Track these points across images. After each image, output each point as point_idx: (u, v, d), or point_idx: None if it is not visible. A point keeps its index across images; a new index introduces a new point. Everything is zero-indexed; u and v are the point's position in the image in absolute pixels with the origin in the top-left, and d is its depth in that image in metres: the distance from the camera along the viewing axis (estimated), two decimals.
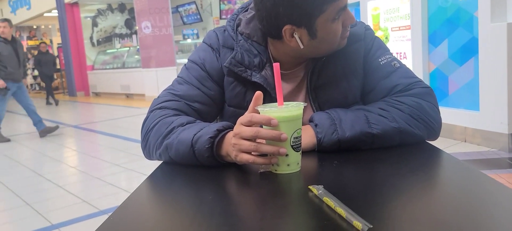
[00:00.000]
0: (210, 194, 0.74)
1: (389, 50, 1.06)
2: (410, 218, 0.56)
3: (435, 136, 0.96)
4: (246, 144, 0.78)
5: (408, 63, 4.09)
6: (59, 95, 13.07)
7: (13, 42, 5.50)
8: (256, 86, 0.99)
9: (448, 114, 3.68)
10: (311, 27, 0.91)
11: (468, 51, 3.49)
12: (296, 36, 0.93)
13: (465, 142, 3.60)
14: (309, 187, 0.68)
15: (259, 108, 0.80)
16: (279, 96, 0.82)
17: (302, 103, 0.81)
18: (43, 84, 14.57)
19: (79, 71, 11.99)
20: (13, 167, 4.41)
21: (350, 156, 0.87)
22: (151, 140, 0.95)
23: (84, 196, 3.14)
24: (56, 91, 13.83)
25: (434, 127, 0.94)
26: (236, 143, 0.80)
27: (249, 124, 0.79)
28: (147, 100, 9.20)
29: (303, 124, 0.85)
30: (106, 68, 11.33)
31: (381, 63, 1.02)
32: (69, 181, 3.71)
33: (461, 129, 3.61)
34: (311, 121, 0.94)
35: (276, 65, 0.82)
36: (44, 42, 10.68)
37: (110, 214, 2.25)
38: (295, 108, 0.79)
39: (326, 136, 0.89)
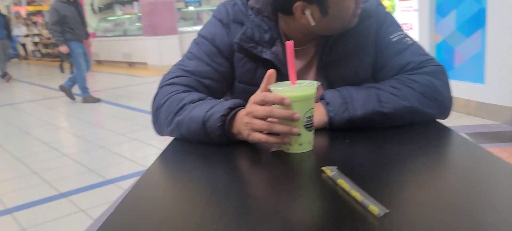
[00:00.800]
0: (223, 174, 0.76)
1: (400, 27, 1.04)
2: (424, 202, 0.57)
3: (446, 114, 0.96)
4: (259, 123, 0.79)
5: (414, 34, 4.04)
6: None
7: (75, 3, 5.52)
8: (267, 62, 0.98)
9: (453, 87, 3.65)
10: (323, 4, 0.89)
11: (476, 22, 3.44)
12: (307, 12, 0.91)
13: (468, 114, 3.60)
14: (322, 168, 0.69)
15: (272, 87, 0.80)
16: (292, 75, 0.82)
17: (315, 82, 0.81)
18: (44, 50, 14.48)
19: None
20: (18, 135, 4.45)
21: (361, 134, 0.88)
22: (162, 116, 0.95)
23: (90, 165, 3.18)
24: (58, 59, 13.77)
25: (446, 105, 0.94)
26: (249, 122, 0.80)
27: (262, 103, 0.79)
28: (150, 69, 9.16)
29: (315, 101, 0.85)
30: (107, 36, 11.22)
31: (392, 40, 1.00)
32: (75, 150, 3.75)
33: (465, 101, 3.61)
34: (322, 98, 0.94)
35: (289, 44, 0.81)
36: None
37: (116, 183, 2.27)
38: (309, 87, 0.79)
39: (338, 114, 0.89)
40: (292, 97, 0.77)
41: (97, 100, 5.77)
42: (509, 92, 3.15)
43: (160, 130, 0.98)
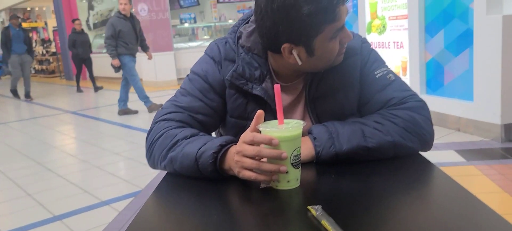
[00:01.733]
0: (215, 211, 0.79)
1: (385, 63, 1.09)
2: None
3: (428, 148, 1.01)
4: (248, 162, 0.83)
5: (404, 52, 4.12)
6: (56, 80, 13.02)
7: (131, 19, 5.67)
8: (257, 98, 1.03)
9: (442, 104, 3.73)
10: (309, 46, 0.94)
11: (463, 42, 3.52)
12: (294, 53, 0.96)
13: (458, 131, 3.66)
14: (308, 207, 0.73)
15: (261, 127, 0.84)
16: (280, 116, 0.86)
17: (301, 121, 0.86)
18: (38, 67, 14.47)
19: None
20: (11, 154, 4.45)
21: (347, 168, 0.92)
22: (156, 152, 0.99)
23: (85, 186, 3.19)
24: (52, 75, 13.77)
25: (427, 139, 0.99)
26: (239, 160, 0.84)
27: (251, 143, 0.83)
28: (145, 85, 9.17)
29: (302, 135, 0.90)
30: (103, 52, 11.25)
31: (377, 76, 1.05)
32: (70, 170, 3.76)
33: (455, 118, 3.68)
34: (309, 132, 0.98)
35: (276, 87, 0.86)
36: (78, 19, 9.63)
37: (111, 204, 2.28)
38: (295, 128, 0.84)
39: (324, 149, 0.93)
40: (280, 137, 0.82)
41: (161, 106, 5.93)
42: (497, 110, 3.22)
43: (154, 164, 1.01)
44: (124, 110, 5.96)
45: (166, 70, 8.69)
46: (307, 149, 0.95)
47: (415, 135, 0.97)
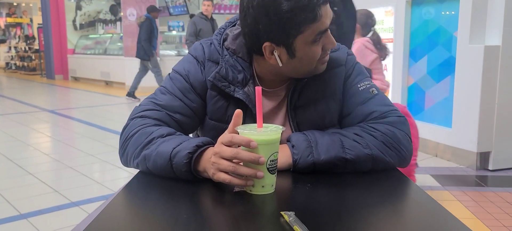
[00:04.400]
0: (185, 211, 0.76)
1: (368, 76, 1.09)
2: None
3: (405, 164, 1.00)
4: (225, 164, 0.80)
5: (388, 75, 4.18)
6: (36, 77, 12.75)
7: (212, 20, 5.79)
8: (239, 102, 1.00)
9: (422, 129, 3.77)
10: (290, 47, 0.93)
11: (445, 69, 3.60)
12: (275, 54, 0.95)
13: (436, 156, 3.71)
14: (281, 212, 0.70)
15: (239, 129, 0.82)
16: (259, 119, 0.84)
17: (280, 127, 0.84)
18: (19, 63, 14.14)
19: (59, 54, 11.69)
20: None
21: (323, 179, 0.90)
22: (129, 148, 0.95)
23: (55, 185, 3.09)
24: (33, 73, 13.47)
25: (405, 155, 0.98)
26: (215, 162, 0.81)
27: (229, 144, 0.81)
28: (127, 89, 9.06)
29: (281, 143, 0.88)
30: (87, 53, 11.10)
31: (359, 89, 1.05)
32: (41, 169, 3.63)
33: (434, 143, 3.73)
34: (288, 140, 0.96)
35: (258, 89, 0.84)
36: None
37: (81, 206, 2.21)
38: (274, 132, 0.82)
39: (302, 158, 0.91)
40: (258, 140, 0.79)
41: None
42: (474, 138, 3.27)
43: (126, 161, 0.98)
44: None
45: (150, 76, 8.59)
46: (284, 157, 0.93)
47: (394, 150, 0.96)
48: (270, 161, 0.80)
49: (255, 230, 0.69)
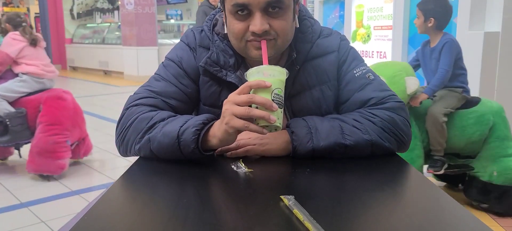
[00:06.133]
0: (185, 196, 0.76)
1: (364, 62, 1.08)
2: None
3: (404, 149, 1.00)
4: (239, 108, 0.82)
5: None
6: None
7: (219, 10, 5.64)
8: (231, 86, 1.00)
9: None
10: (224, 11, 0.96)
11: None
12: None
13: None
14: (280, 197, 0.71)
15: (249, 72, 0.85)
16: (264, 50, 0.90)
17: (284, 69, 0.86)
18: None
19: (56, 44, 11.64)
20: None
21: (323, 164, 0.90)
22: (129, 136, 0.95)
23: (56, 175, 3.09)
24: None
25: (404, 140, 0.98)
26: (229, 108, 0.83)
27: (243, 91, 0.83)
28: (126, 78, 9.05)
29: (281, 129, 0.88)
30: (85, 43, 11.05)
31: (356, 75, 1.04)
32: None
33: None
34: (288, 126, 0.96)
35: (263, 42, 0.90)
36: None
37: (81, 194, 2.21)
38: (278, 70, 0.85)
39: (301, 144, 0.92)
40: (266, 68, 0.84)
41: None
42: None
43: (126, 149, 0.98)
44: None
45: (148, 65, 8.58)
46: (284, 143, 0.94)
47: (393, 135, 0.96)
48: (275, 94, 0.82)
49: (255, 214, 0.69)
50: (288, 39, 0.96)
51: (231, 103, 0.83)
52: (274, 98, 0.82)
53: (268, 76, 0.83)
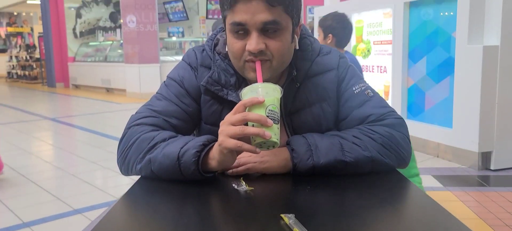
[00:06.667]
0: (186, 215, 0.77)
1: (363, 79, 1.09)
2: None
3: (404, 165, 1.00)
4: (233, 128, 0.82)
5: (387, 77, 4.19)
6: (38, 86, 12.79)
7: None
8: (232, 105, 1.01)
9: (423, 130, 3.79)
10: (225, 28, 0.97)
11: (444, 69, 3.61)
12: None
13: (437, 157, 3.71)
14: (281, 215, 0.71)
15: (243, 91, 0.86)
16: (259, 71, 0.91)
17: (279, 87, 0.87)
18: (21, 72, 14.15)
19: (59, 62, 11.75)
20: None
21: (323, 181, 0.91)
22: (131, 155, 0.96)
23: (58, 193, 3.09)
24: (35, 81, 13.51)
25: (404, 157, 0.98)
26: (224, 129, 0.84)
27: (237, 110, 0.83)
28: (128, 96, 9.09)
29: (281, 146, 0.88)
30: (87, 61, 11.14)
31: (355, 91, 1.05)
32: (43, 177, 3.64)
33: (435, 144, 3.73)
34: (288, 144, 0.97)
35: (258, 63, 0.91)
36: None
37: (84, 213, 2.21)
38: (272, 84, 0.86)
39: (302, 161, 0.92)
40: (260, 85, 0.85)
41: None
42: (475, 138, 3.27)
43: (127, 169, 0.98)
44: None
45: (150, 82, 8.63)
46: (284, 160, 0.94)
47: (393, 152, 0.96)
48: (269, 110, 0.82)
49: None
50: (284, 61, 0.97)
51: (227, 124, 0.83)
52: (269, 114, 0.82)
53: (263, 94, 0.84)
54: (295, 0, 0.92)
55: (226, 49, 1.01)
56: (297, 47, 1.02)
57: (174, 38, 10.39)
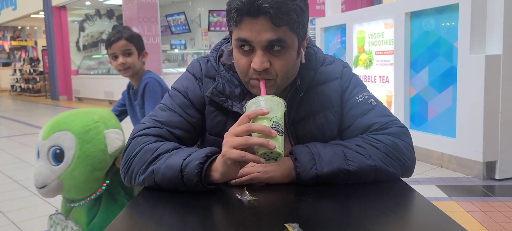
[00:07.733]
0: (190, 224, 0.76)
1: (366, 88, 1.10)
2: None
3: (409, 174, 1.00)
4: (237, 139, 0.82)
5: (390, 87, 4.19)
6: (41, 99, 12.86)
7: None
8: (237, 116, 1.01)
9: (426, 140, 3.77)
10: (231, 39, 0.97)
11: (447, 79, 3.60)
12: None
13: (441, 167, 3.69)
14: (285, 224, 0.71)
15: (247, 104, 0.87)
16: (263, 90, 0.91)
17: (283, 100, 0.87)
18: (24, 85, 14.26)
19: (63, 75, 11.82)
20: None
21: (327, 190, 0.90)
22: (134, 166, 0.96)
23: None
24: (38, 94, 13.60)
25: (408, 165, 0.98)
26: (228, 140, 0.84)
27: (241, 122, 0.84)
28: None
29: (284, 155, 0.88)
30: (90, 74, 11.21)
31: (358, 100, 1.06)
32: None
33: (438, 154, 3.71)
34: (291, 153, 0.97)
35: (262, 82, 0.92)
36: None
37: None
38: (276, 97, 0.86)
39: (305, 170, 0.92)
40: (264, 98, 0.85)
41: None
42: (479, 147, 3.26)
43: (130, 179, 0.98)
44: None
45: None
46: (287, 170, 0.94)
47: (397, 160, 0.96)
48: (273, 122, 0.82)
49: None
50: (288, 77, 0.97)
51: (230, 136, 0.84)
52: (273, 126, 0.82)
53: (267, 108, 0.84)
54: (301, 17, 0.91)
55: (232, 61, 1.02)
56: (304, 61, 1.02)
57: (176, 50, 10.46)
